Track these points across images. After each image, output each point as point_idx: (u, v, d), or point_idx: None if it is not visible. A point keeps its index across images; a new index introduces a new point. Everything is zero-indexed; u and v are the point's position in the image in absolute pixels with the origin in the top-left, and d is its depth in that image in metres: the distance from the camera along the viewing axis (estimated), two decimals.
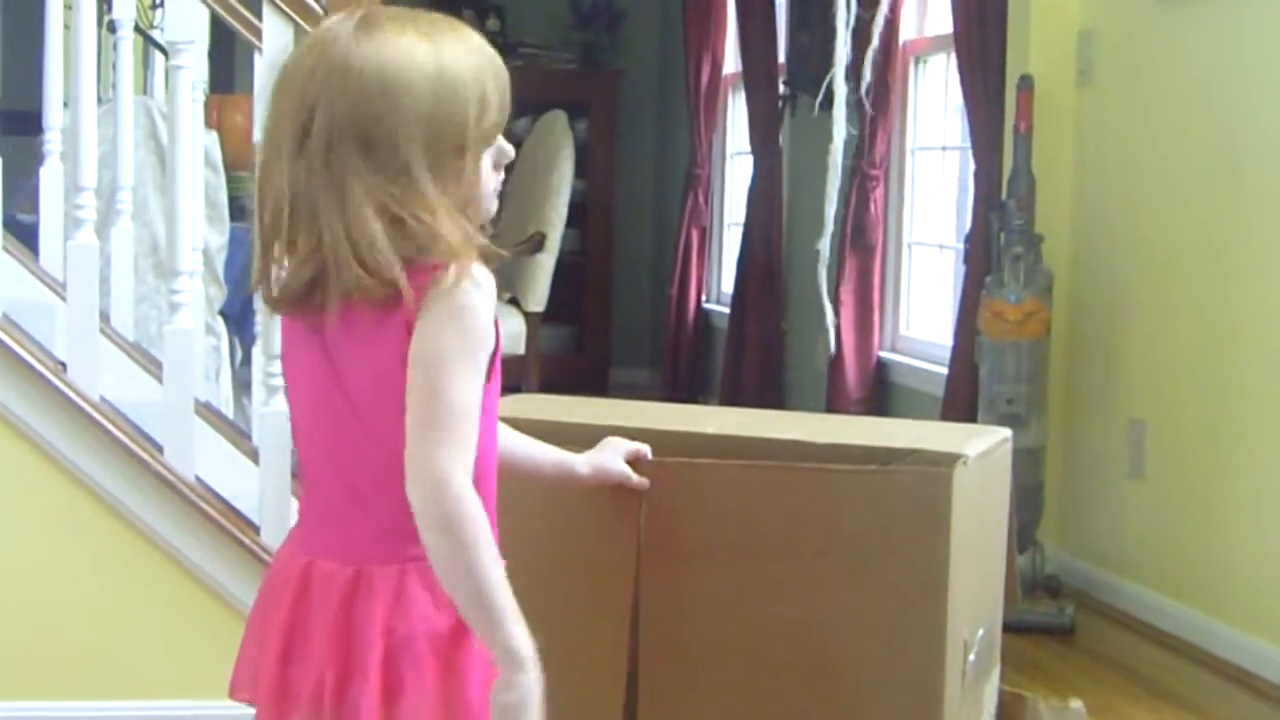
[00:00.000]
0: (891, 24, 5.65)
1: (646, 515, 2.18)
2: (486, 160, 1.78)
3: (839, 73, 5.51)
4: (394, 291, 1.70)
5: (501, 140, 1.80)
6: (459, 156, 1.74)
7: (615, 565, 2.19)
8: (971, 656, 2.22)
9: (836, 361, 6.06)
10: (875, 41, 5.55)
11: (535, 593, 1.79)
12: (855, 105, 5.68)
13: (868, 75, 5.58)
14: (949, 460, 2.12)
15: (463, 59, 1.74)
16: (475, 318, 1.72)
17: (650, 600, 2.19)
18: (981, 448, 2.23)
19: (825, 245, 5.73)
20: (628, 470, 2.15)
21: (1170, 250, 4.43)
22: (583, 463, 2.12)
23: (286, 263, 1.74)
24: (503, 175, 1.82)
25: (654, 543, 2.18)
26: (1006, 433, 2.43)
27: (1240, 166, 4.14)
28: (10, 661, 3.37)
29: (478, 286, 1.72)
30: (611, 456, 2.14)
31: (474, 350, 1.72)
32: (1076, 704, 3.37)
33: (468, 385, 1.71)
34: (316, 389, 1.79)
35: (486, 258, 1.74)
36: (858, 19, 5.57)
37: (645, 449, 2.17)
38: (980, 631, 2.30)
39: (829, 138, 5.81)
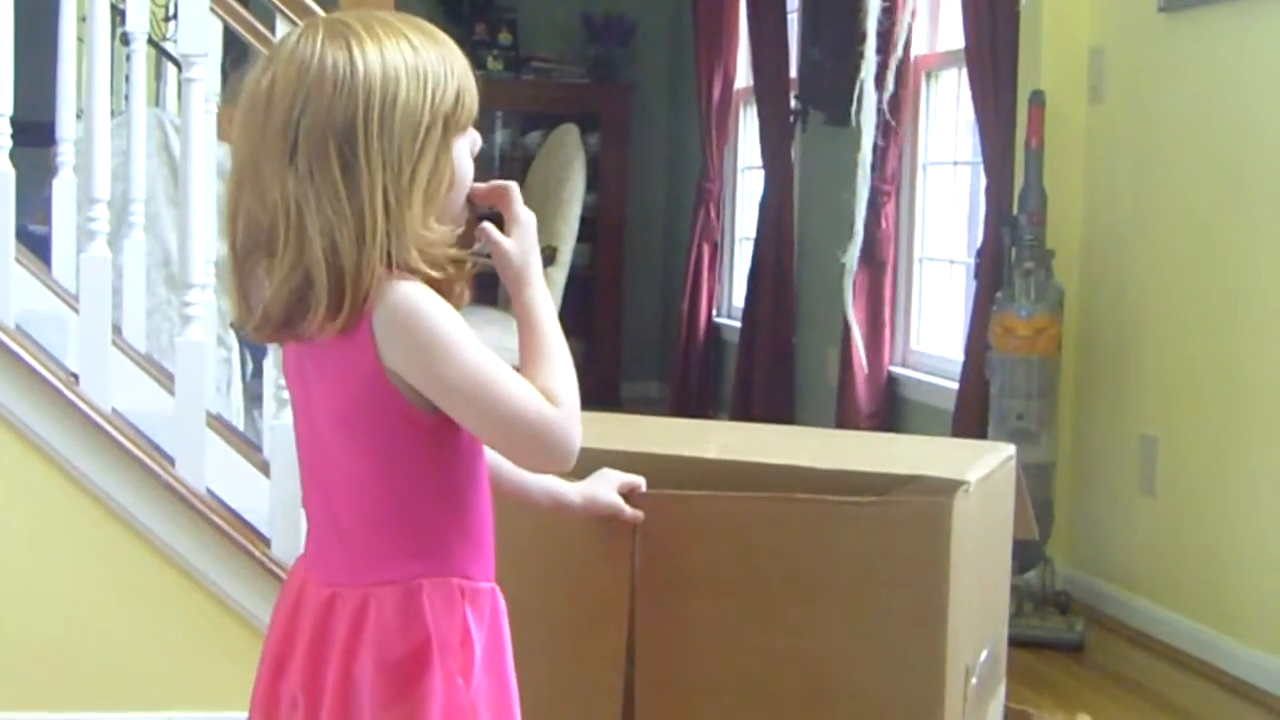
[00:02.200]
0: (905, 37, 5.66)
1: (641, 547, 2.14)
2: (462, 145, 1.73)
3: (868, 81, 5.52)
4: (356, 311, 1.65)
5: (472, 129, 1.74)
6: (427, 155, 1.68)
7: (610, 598, 2.16)
8: (974, 680, 2.21)
9: (847, 376, 6.06)
10: (899, 51, 5.57)
11: (531, 625, 1.78)
12: (879, 118, 5.70)
13: (890, 86, 5.59)
14: (949, 488, 2.09)
15: (414, 53, 1.68)
16: (426, 314, 1.67)
17: (646, 633, 2.16)
18: (984, 470, 2.20)
19: (853, 258, 5.75)
20: (619, 502, 2.11)
21: (1181, 265, 4.43)
22: (574, 492, 2.07)
23: (268, 282, 1.69)
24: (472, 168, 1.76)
25: (649, 575, 2.15)
26: (1010, 449, 2.41)
27: (1250, 182, 4.14)
28: (20, 672, 3.37)
29: (407, 291, 1.67)
30: (604, 488, 2.10)
31: (449, 334, 1.67)
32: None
33: (474, 359, 1.68)
34: (301, 411, 1.80)
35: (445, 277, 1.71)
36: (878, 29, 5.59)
37: (639, 481, 2.13)
38: (984, 654, 2.29)
39: (846, 151, 5.81)
